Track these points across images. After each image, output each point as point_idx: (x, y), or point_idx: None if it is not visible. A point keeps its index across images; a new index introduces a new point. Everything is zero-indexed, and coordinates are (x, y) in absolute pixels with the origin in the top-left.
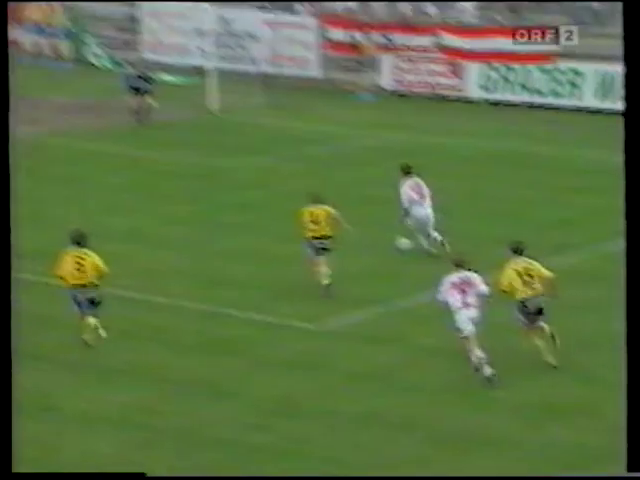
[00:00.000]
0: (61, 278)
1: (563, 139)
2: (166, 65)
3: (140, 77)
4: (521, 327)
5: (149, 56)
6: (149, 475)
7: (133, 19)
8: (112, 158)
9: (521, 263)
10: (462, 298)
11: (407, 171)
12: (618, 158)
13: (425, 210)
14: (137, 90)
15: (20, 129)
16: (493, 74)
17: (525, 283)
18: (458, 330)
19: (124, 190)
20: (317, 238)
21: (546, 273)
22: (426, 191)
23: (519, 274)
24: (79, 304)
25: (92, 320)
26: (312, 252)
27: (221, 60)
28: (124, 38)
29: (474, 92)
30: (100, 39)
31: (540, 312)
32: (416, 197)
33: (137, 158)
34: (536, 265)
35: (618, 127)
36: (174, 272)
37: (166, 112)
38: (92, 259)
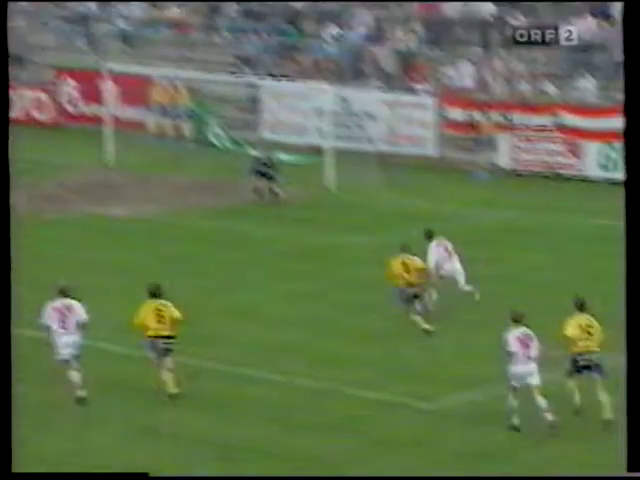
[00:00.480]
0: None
1: None
2: (285, 144)
3: (266, 164)
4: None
5: (268, 136)
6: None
7: (254, 100)
8: (231, 236)
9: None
10: (524, 352)
11: (429, 235)
12: None
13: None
14: (263, 175)
15: (143, 208)
16: (613, 153)
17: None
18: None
19: (242, 267)
20: (409, 285)
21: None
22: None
23: (581, 328)
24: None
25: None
26: (402, 301)
27: (339, 139)
28: (245, 118)
29: (593, 171)
30: (221, 119)
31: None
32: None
33: (256, 236)
34: (595, 323)
35: None
36: (290, 349)
37: (285, 192)
38: (170, 310)
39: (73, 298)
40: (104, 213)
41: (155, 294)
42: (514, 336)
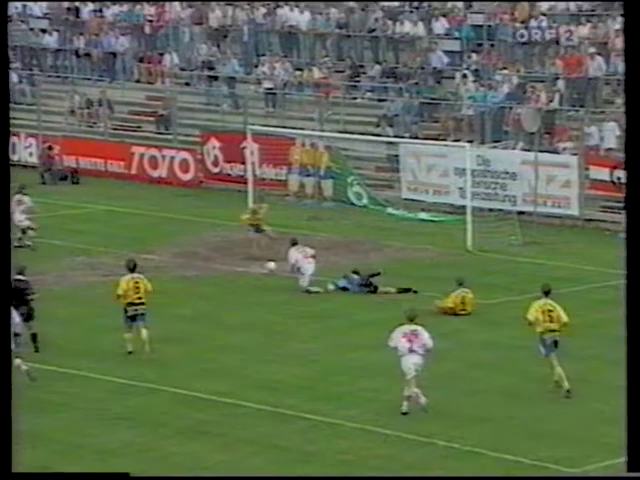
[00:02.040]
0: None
1: None
2: (424, 203)
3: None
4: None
5: (408, 195)
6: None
7: (393, 159)
8: (368, 295)
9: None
10: (409, 346)
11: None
12: None
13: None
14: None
15: (284, 267)
16: None
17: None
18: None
19: (377, 327)
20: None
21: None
22: None
23: (543, 312)
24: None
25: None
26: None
27: (479, 198)
28: (384, 177)
29: None
30: (361, 179)
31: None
32: None
33: (395, 295)
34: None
35: None
36: (429, 410)
37: (424, 251)
38: (144, 283)
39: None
40: (246, 271)
41: (132, 268)
42: (401, 332)
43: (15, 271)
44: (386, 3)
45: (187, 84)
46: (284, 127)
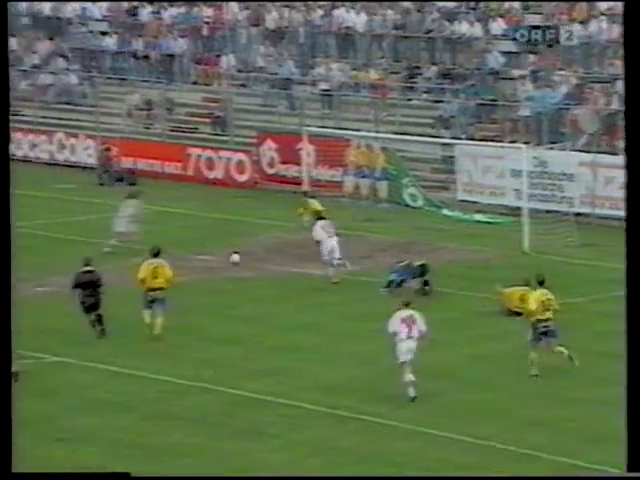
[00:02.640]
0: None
1: None
2: (480, 205)
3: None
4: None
5: (464, 197)
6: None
7: (450, 160)
8: (424, 296)
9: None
10: (406, 332)
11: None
12: None
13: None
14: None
15: (337, 268)
16: None
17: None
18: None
19: (438, 327)
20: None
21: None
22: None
23: (542, 302)
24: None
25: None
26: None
27: (535, 200)
28: (440, 179)
29: None
30: (417, 180)
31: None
32: None
33: (451, 296)
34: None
35: None
36: (486, 412)
37: (480, 252)
38: (165, 269)
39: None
40: (301, 272)
41: (155, 254)
42: (399, 318)
43: (82, 263)
44: (442, 4)
45: (243, 85)
46: (340, 128)
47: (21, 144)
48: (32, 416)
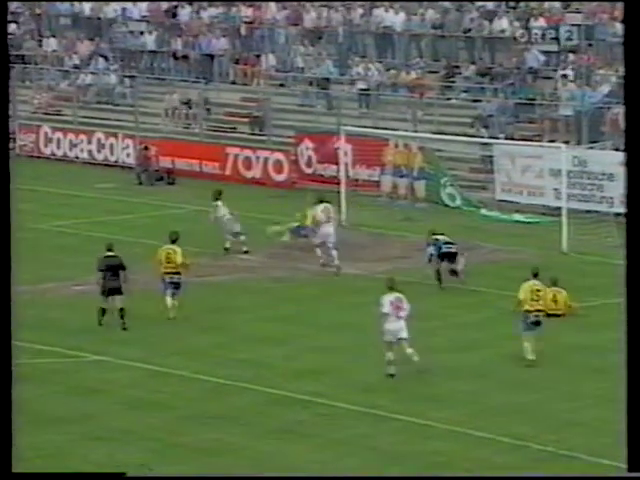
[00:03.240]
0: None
1: None
2: (519, 205)
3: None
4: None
5: (502, 196)
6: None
7: (487, 160)
8: (461, 296)
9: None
10: (395, 313)
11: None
12: None
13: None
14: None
15: (375, 267)
16: None
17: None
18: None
19: (471, 327)
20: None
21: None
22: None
23: (532, 291)
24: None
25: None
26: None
27: (575, 200)
28: (478, 178)
29: None
30: (455, 180)
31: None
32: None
33: (489, 295)
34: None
35: None
36: (524, 413)
37: (519, 252)
38: (177, 255)
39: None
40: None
41: (173, 240)
42: (388, 300)
43: (106, 247)
44: (482, 3)
45: (282, 85)
46: (377, 128)
47: (61, 144)
48: (71, 415)
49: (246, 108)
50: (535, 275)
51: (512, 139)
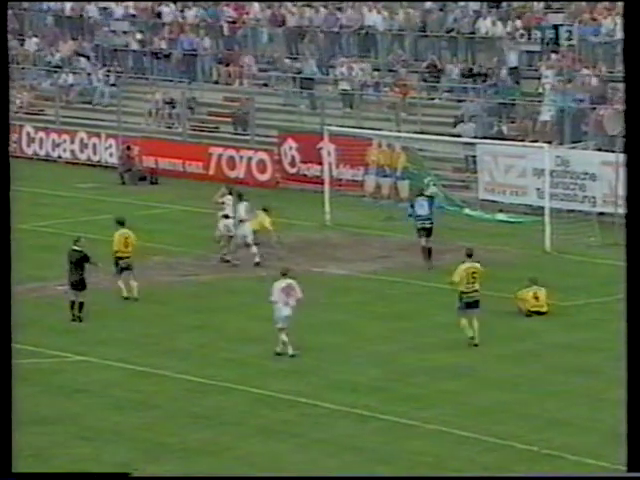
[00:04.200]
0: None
1: None
2: (502, 205)
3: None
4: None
5: (485, 196)
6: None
7: (470, 159)
8: (445, 296)
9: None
10: (285, 299)
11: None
12: None
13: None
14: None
15: (358, 267)
16: None
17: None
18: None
19: (456, 328)
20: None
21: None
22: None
23: (467, 274)
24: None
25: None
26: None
27: (558, 199)
28: (461, 178)
29: None
30: (438, 180)
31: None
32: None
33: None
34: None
35: None
36: (509, 412)
37: (502, 252)
38: (132, 238)
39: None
40: (322, 271)
41: (122, 222)
42: (279, 287)
43: (73, 241)
44: (464, 3)
45: (265, 85)
46: (361, 128)
47: (43, 143)
48: (57, 415)
49: (229, 107)
50: (469, 256)
51: (495, 139)
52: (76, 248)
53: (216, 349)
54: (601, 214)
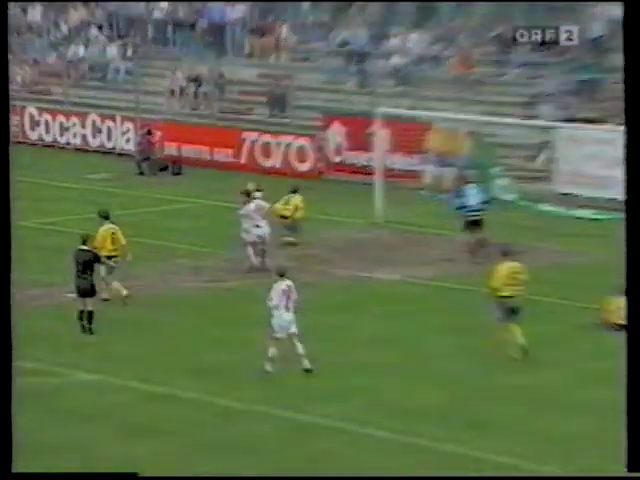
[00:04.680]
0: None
1: None
2: (583, 199)
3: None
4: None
5: (564, 189)
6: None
7: (548, 147)
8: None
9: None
10: (285, 304)
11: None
12: None
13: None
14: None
15: (415, 272)
16: None
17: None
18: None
19: (547, 344)
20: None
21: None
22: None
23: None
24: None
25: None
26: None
27: None
28: (536, 168)
29: None
30: (509, 170)
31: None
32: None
33: (549, 305)
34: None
35: None
36: (588, 440)
37: (583, 255)
38: (119, 236)
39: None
40: (371, 276)
41: (106, 216)
42: (280, 289)
43: (80, 239)
44: None
45: (306, 60)
46: (418, 109)
47: (49, 127)
48: (61, 443)
49: (264, 86)
50: (506, 254)
51: (576, 121)
52: (84, 247)
53: (246, 367)
54: None
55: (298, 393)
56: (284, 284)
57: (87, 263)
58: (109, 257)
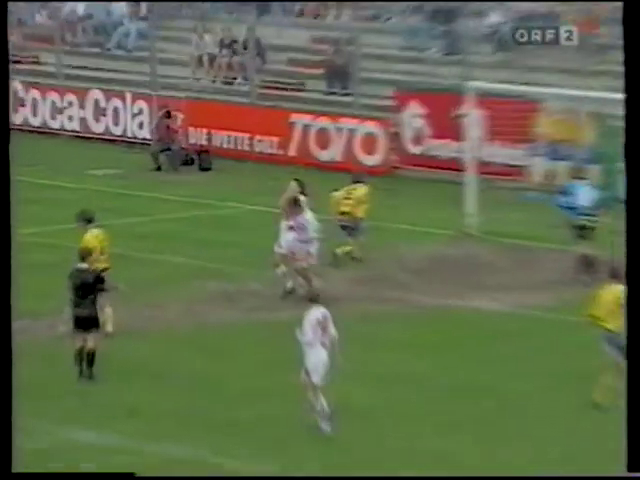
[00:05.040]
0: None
1: None
2: None
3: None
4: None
5: None
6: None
7: None
8: None
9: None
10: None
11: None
12: None
13: None
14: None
15: (523, 298)
16: None
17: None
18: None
19: None
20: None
21: None
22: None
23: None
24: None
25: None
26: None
27: None
28: None
29: None
30: None
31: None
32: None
33: None
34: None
35: None
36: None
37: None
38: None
39: None
40: (462, 305)
41: (90, 219)
42: (314, 318)
43: (79, 256)
44: None
45: (375, 19)
46: (523, 83)
47: (39, 107)
48: None
49: (320, 53)
50: (615, 277)
51: None
52: (82, 267)
53: (299, 426)
54: None
55: (365, 456)
56: (319, 312)
57: (87, 287)
58: (104, 270)
